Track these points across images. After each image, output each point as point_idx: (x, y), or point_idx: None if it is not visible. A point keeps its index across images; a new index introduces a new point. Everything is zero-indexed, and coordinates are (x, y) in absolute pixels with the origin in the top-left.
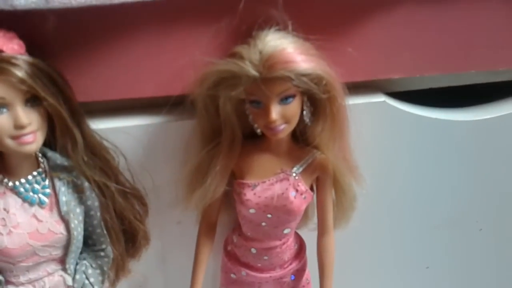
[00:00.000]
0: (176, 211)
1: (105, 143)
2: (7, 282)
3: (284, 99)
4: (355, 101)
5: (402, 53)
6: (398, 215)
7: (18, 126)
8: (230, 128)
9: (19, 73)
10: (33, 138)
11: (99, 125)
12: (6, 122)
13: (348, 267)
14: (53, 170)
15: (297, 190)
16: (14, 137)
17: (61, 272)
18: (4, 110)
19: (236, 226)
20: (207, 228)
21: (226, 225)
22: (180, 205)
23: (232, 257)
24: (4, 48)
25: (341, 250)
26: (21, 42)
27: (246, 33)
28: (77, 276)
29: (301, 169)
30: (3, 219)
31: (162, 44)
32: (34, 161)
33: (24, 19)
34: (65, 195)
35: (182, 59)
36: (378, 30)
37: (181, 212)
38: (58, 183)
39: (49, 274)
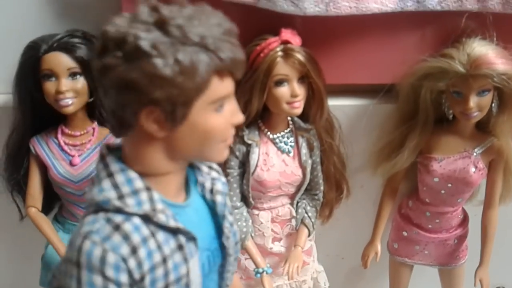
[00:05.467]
0: (361, 176)
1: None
2: (254, 206)
3: (481, 92)
4: None
5: None
6: None
7: (294, 95)
8: (426, 113)
9: (301, 58)
10: (299, 105)
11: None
12: (285, 92)
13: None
14: (297, 130)
15: (476, 167)
16: (288, 103)
17: (289, 206)
18: (285, 83)
19: (412, 192)
20: (390, 191)
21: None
22: (367, 172)
23: (405, 218)
24: (292, 41)
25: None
26: (300, 37)
27: (454, 39)
28: (299, 210)
29: (481, 151)
30: (265, 160)
31: (382, 44)
32: (286, 122)
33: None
34: (304, 148)
35: (395, 56)
36: None
37: (366, 177)
38: (300, 140)
39: (282, 205)
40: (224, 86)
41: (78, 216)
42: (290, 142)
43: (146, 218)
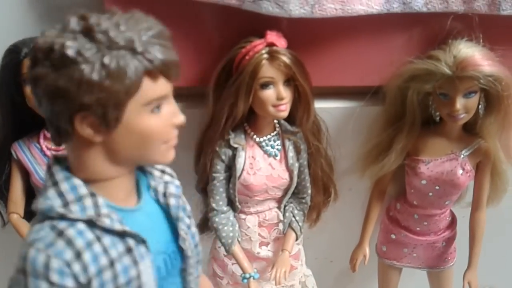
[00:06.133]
0: (349, 179)
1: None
2: (240, 210)
3: (468, 94)
4: None
5: None
6: None
7: (279, 98)
8: (413, 115)
9: (287, 60)
10: (286, 108)
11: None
12: (271, 95)
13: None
14: (284, 133)
15: (463, 169)
16: (274, 106)
17: (276, 209)
18: (271, 86)
19: (400, 195)
20: (378, 193)
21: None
22: (355, 174)
23: (393, 220)
24: (277, 43)
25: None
26: (285, 40)
27: (440, 40)
28: (287, 214)
29: (468, 152)
30: (251, 163)
31: (368, 46)
32: (273, 125)
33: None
34: (291, 152)
35: (382, 58)
36: None
37: (354, 180)
38: (287, 143)
39: (269, 209)
40: (157, 88)
41: None
42: (277, 145)
43: (91, 223)
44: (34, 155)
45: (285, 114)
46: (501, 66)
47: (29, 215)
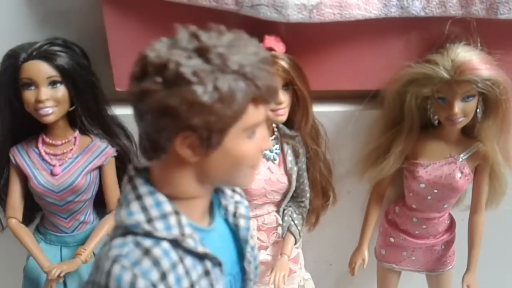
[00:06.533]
0: (348, 182)
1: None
2: None
3: (466, 98)
4: None
5: None
6: None
7: (278, 103)
8: (411, 119)
9: (285, 65)
10: (284, 112)
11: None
12: None
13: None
14: (283, 137)
15: (462, 172)
16: (273, 110)
17: (275, 213)
18: None
19: (398, 198)
20: (377, 197)
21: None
22: (354, 177)
23: (392, 224)
24: (276, 48)
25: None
26: (283, 44)
27: (438, 45)
28: (285, 218)
29: (466, 156)
30: None
31: (366, 50)
32: (271, 129)
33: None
34: (290, 156)
35: (380, 62)
36: None
37: (353, 183)
38: (285, 147)
39: (268, 213)
40: (258, 114)
41: (60, 227)
42: (276, 149)
43: (175, 243)
44: (33, 160)
45: (283, 118)
46: (499, 70)
47: (28, 219)
